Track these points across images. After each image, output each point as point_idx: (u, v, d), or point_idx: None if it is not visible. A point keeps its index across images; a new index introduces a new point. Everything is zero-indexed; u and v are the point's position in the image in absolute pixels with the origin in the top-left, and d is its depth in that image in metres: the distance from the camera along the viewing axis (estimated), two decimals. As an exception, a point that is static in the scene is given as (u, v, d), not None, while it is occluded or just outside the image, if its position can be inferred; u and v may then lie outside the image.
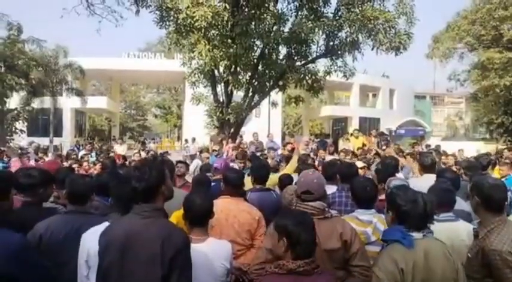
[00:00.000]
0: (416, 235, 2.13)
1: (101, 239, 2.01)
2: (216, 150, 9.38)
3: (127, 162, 8.36)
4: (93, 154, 11.56)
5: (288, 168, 5.49)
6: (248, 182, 3.93)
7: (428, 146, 14.29)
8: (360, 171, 5.33)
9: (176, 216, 2.94)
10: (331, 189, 3.56)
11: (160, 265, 1.85)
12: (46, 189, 2.93)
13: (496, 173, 6.59)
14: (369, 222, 2.87)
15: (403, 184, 3.31)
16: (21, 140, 18.29)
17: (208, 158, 8.22)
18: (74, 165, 7.16)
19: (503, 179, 5.90)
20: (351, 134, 14.58)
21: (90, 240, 2.25)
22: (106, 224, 2.27)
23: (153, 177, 2.01)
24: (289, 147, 9.02)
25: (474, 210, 2.54)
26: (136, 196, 2.00)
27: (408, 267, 2.02)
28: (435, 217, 2.72)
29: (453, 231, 2.79)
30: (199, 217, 2.49)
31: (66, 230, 2.41)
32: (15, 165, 5.64)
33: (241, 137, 12.43)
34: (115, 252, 1.92)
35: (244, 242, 3.07)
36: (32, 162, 7.90)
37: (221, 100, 11.31)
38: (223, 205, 3.08)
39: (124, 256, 1.90)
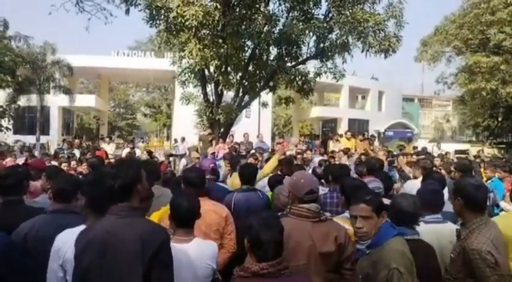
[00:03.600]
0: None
1: (78, 241, 1.94)
2: (214, 153, 9.00)
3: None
4: (76, 152, 11.27)
5: (266, 168, 5.29)
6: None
7: (415, 147, 14.48)
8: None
9: (158, 215, 2.92)
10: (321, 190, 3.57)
11: (141, 264, 1.80)
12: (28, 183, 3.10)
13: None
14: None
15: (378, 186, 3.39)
16: (7, 137, 17.97)
17: (198, 158, 8.18)
18: (63, 164, 6.98)
19: (488, 181, 6.02)
20: (341, 135, 14.65)
21: (64, 243, 2.20)
22: (82, 226, 2.22)
23: (129, 175, 1.96)
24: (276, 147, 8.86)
25: (457, 212, 2.56)
26: (113, 195, 1.93)
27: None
28: (421, 219, 2.76)
29: (440, 232, 2.82)
30: (186, 218, 2.48)
31: (53, 229, 2.36)
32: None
33: (232, 136, 12.40)
34: (93, 255, 1.86)
35: (214, 241, 2.99)
36: (20, 161, 7.72)
37: (211, 100, 11.26)
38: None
39: (103, 258, 1.84)
